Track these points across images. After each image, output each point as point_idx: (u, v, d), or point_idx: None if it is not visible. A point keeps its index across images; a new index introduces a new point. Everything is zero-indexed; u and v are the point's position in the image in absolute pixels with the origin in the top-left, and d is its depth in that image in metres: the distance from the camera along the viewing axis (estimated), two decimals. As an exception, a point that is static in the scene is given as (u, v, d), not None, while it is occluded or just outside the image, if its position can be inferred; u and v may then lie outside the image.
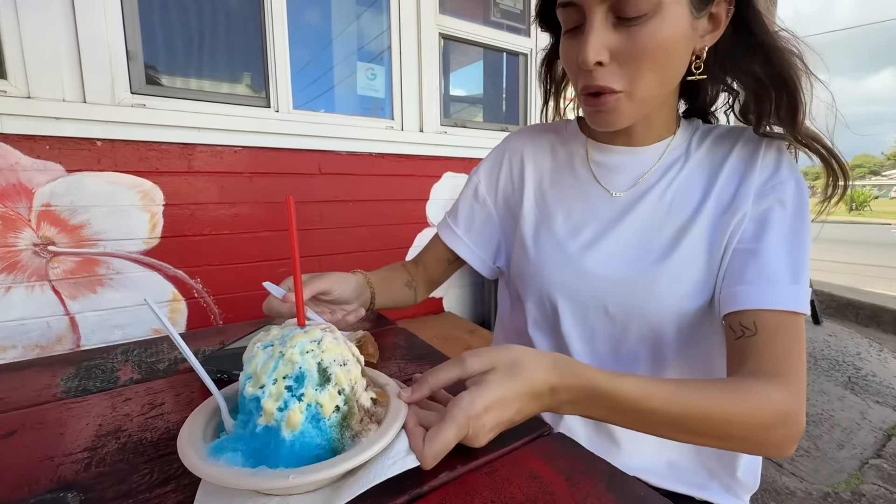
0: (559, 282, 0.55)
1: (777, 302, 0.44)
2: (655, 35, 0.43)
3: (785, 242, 0.47)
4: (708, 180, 0.53)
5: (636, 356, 0.53)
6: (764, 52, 0.47)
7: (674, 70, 0.47)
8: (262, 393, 0.29)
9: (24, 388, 0.46)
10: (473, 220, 0.67)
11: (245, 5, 1.55)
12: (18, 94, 1.19)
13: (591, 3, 0.44)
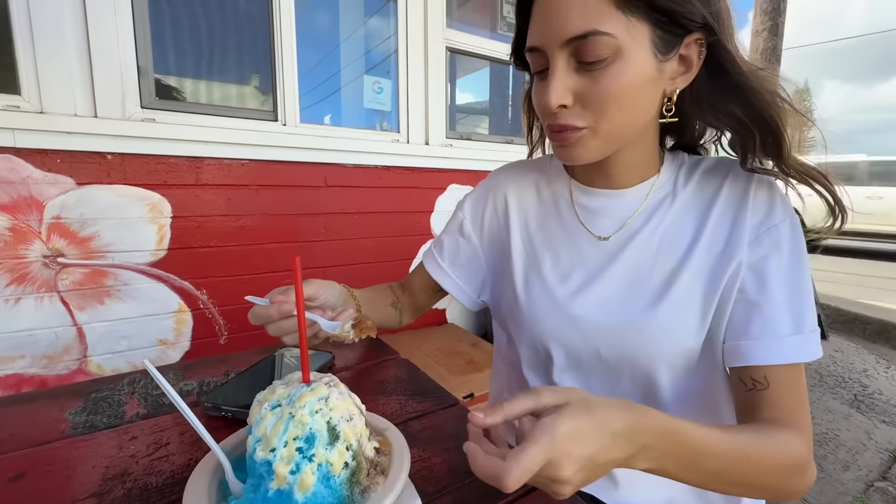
0: (550, 328, 0.55)
1: (785, 356, 0.45)
2: (618, 79, 0.43)
3: (786, 291, 0.46)
4: (698, 222, 0.51)
5: (632, 396, 0.53)
6: (741, 93, 0.46)
7: (641, 113, 0.47)
8: (273, 457, 0.30)
9: (33, 423, 0.47)
10: (458, 255, 0.67)
11: (255, 22, 1.57)
12: (31, 109, 1.21)
13: (552, 49, 0.44)
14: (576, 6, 0.42)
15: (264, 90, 1.62)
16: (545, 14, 0.45)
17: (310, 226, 1.70)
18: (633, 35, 0.42)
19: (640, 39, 0.43)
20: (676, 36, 0.44)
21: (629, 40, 0.42)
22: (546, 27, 0.45)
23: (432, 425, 0.48)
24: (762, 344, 0.46)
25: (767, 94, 0.46)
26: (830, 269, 6.32)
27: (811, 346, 0.45)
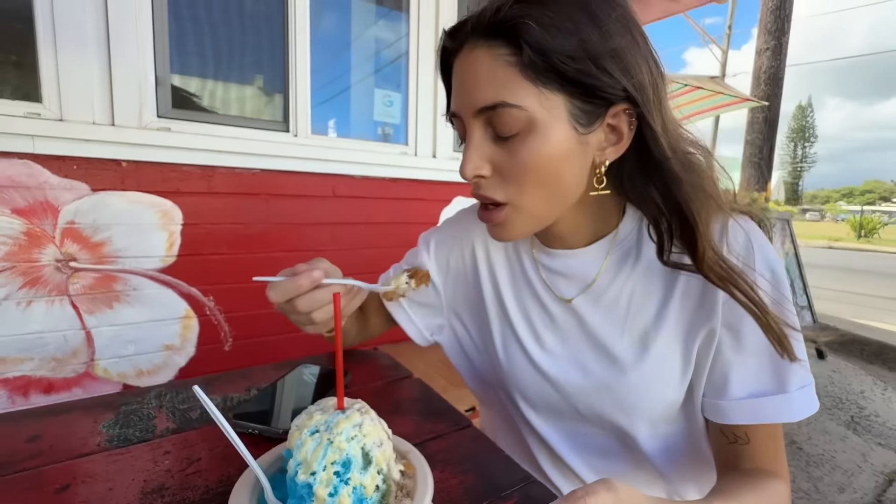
0: (530, 386, 0.56)
1: (767, 417, 0.44)
2: (535, 153, 0.41)
3: (767, 348, 0.44)
4: (668, 278, 0.48)
5: (613, 444, 0.54)
6: (662, 177, 0.43)
7: (565, 187, 0.44)
8: (313, 480, 0.32)
9: (69, 435, 0.49)
10: (417, 293, 0.63)
11: (271, 36, 1.60)
12: (51, 116, 1.23)
13: (467, 118, 0.43)
14: (484, 77, 0.41)
15: (277, 102, 1.65)
16: (460, 82, 0.44)
17: (317, 235, 1.72)
18: (547, 107, 0.40)
19: (556, 111, 0.41)
20: (598, 107, 0.41)
21: (543, 112, 0.40)
22: (460, 96, 0.44)
23: (447, 447, 0.50)
24: (743, 405, 0.45)
25: (688, 186, 0.42)
26: (830, 286, 6.36)
27: (797, 405, 0.43)
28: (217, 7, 1.55)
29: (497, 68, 0.40)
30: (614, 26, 0.40)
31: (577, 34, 0.39)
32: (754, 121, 4.68)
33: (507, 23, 0.39)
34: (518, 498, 0.43)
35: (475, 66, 0.41)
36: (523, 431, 0.61)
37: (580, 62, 0.39)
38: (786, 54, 4.59)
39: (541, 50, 0.38)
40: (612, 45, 0.40)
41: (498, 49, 0.40)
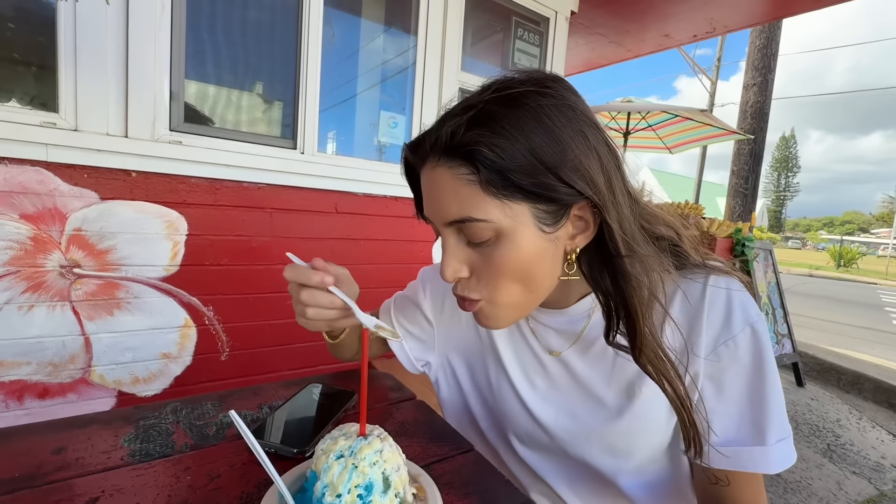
0: (521, 427, 0.59)
1: (743, 466, 0.46)
2: (506, 258, 0.43)
3: (748, 403, 0.46)
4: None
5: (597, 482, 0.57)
6: (613, 271, 0.45)
7: (540, 281, 0.46)
8: (339, 501, 0.36)
9: (92, 448, 0.52)
10: (413, 326, 0.69)
11: (283, 57, 1.66)
12: (67, 126, 1.26)
13: (440, 227, 0.46)
14: (448, 194, 0.43)
15: (286, 120, 1.70)
16: (428, 195, 0.47)
17: (317, 249, 1.76)
18: (511, 216, 0.42)
19: (521, 218, 0.42)
20: (561, 207, 0.43)
21: (508, 221, 0.42)
22: (430, 208, 0.47)
23: (452, 469, 0.54)
24: (723, 451, 0.47)
25: (635, 282, 0.44)
26: (810, 314, 6.51)
27: (774, 458, 0.45)
28: (233, 26, 1.60)
29: (459, 186, 0.42)
30: (565, 131, 0.41)
31: (530, 146, 0.40)
32: (740, 152, 4.85)
33: (462, 147, 0.41)
34: (517, 520, 0.46)
35: (439, 184, 0.44)
36: (512, 466, 0.64)
37: (535, 175, 0.41)
38: (771, 90, 4.79)
39: (497, 170, 0.40)
40: (565, 152, 0.41)
41: (458, 169, 0.42)
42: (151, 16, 1.34)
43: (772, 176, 59.41)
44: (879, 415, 2.83)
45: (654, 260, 0.46)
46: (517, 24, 2.25)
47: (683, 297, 0.49)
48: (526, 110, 0.41)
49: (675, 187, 27.37)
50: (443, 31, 1.96)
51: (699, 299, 0.48)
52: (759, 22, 3.34)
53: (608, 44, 3.78)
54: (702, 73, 11.17)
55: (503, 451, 0.65)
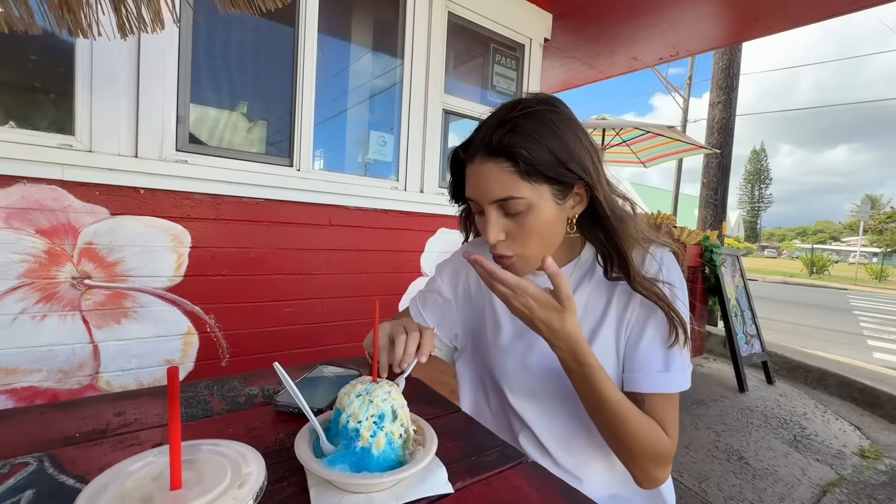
0: (512, 374, 0.75)
1: (651, 387, 0.63)
2: (534, 223, 0.62)
3: (660, 340, 0.64)
4: (608, 294, 0.69)
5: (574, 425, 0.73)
6: (604, 226, 0.65)
7: (553, 237, 0.65)
8: (359, 426, 0.48)
9: (146, 413, 0.62)
10: (437, 310, 0.86)
11: (280, 81, 1.80)
12: (82, 148, 1.37)
13: (485, 205, 0.64)
14: (494, 181, 0.61)
15: (283, 139, 1.83)
16: (475, 181, 0.64)
17: (313, 260, 1.87)
18: (538, 194, 0.61)
19: (544, 195, 0.62)
20: (567, 187, 0.63)
21: (536, 198, 0.61)
22: (477, 191, 0.64)
23: (443, 424, 0.66)
24: (637, 377, 0.65)
25: (620, 233, 0.64)
26: (783, 319, 6.79)
27: (674, 381, 0.63)
28: (233, 54, 1.73)
29: (503, 175, 0.61)
30: (569, 136, 0.61)
31: (549, 148, 0.60)
32: (709, 165, 5.15)
33: (506, 149, 0.60)
34: (497, 456, 0.59)
35: (487, 174, 0.62)
36: (508, 416, 0.78)
37: (554, 167, 0.60)
38: (735, 107, 5.12)
39: (529, 163, 0.59)
40: (570, 151, 0.61)
41: (501, 163, 0.61)
42: (161, 47, 1.47)
43: (746, 188, 61.46)
44: (843, 408, 3.02)
45: (627, 218, 0.66)
46: (495, 50, 2.44)
47: (634, 257, 0.67)
48: (543, 123, 0.61)
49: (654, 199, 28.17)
50: (427, 58, 2.13)
51: (641, 261, 0.67)
52: (718, 46, 3.62)
53: (582, 66, 4.03)
54: (675, 90, 11.69)
55: (501, 405, 0.80)
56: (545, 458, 0.74)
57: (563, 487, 0.52)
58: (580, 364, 0.60)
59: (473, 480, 0.52)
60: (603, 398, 0.60)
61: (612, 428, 0.61)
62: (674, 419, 0.64)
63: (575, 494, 0.51)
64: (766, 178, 60.63)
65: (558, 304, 0.58)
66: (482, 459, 0.57)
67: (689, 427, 2.51)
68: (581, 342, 0.60)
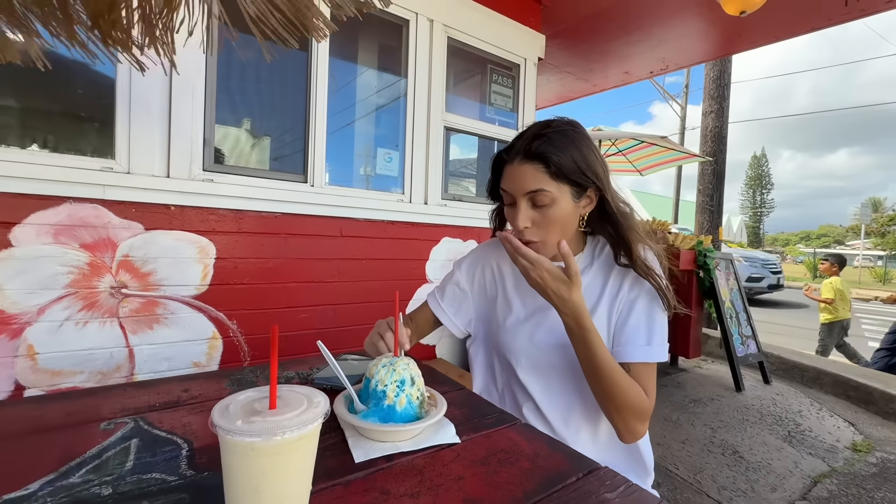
0: (520, 349, 0.88)
1: (636, 357, 0.78)
2: (555, 215, 0.78)
3: (645, 319, 0.80)
4: (604, 280, 0.85)
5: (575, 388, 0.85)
6: (612, 221, 0.82)
7: (568, 229, 0.82)
8: (386, 388, 0.61)
9: (207, 390, 0.76)
10: (454, 300, 1.00)
11: (294, 106, 1.96)
12: (121, 170, 1.52)
13: (518, 196, 0.80)
14: (530, 177, 0.78)
15: (298, 158, 1.98)
16: (513, 177, 0.80)
17: (325, 269, 2.01)
18: (561, 192, 0.78)
19: (565, 193, 0.79)
20: (583, 189, 0.81)
21: (559, 194, 0.78)
22: (514, 185, 0.80)
23: (451, 397, 0.79)
24: (622, 349, 0.79)
25: (625, 227, 0.82)
26: (784, 322, 6.85)
27: (655, 353, 0.78)
28: (254, 81, 1.90)
29: (536, 174, 0.77)
30: (586, 150, 0.79)
31: (573, 158, 0.77)
32: (704, 172, 5.30)
33: (540, 155, 0.77)
34: (494, 419, 0.72)
35: (524, 172, 0.78)
36: (515, 389, 0.92)
37: (574, 173, 0.78)
38: (727, 116, 5.29)
39: (557, 166, 0.76)
40: (587, 159, 0.79)
41: (536, 165, 0.77)
42: (191, 76, 1.63)
43: (747, 193, 61.53)
44: (838, 406, 3.11)
45: (630, 216, 0.83)
46: (492, 70, 2.61)
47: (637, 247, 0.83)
48: (568, 138, 0.79)
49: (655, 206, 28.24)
50: (428, 79, 2.29)
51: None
52: (705, 59, 3.79)
53: (576, 80, 4.21)
54: (672, 99, 11.90)
55: (508, 381, 0.93)
56: (545, 427, 0.87)
57: (548, 440, 0.65)
58: (580, 327, 0.74)
59: (476, 435, 0.65)
60: (597, 358, 0.74)
61: (604, 385, 0.74)
62: (652, 384, 0.79)
63: (557, 444, 0.64)
64: (767, 184, 60.74)
65: (567, 278, 0.72)
66: (483, 421, 0.70)
67: (686, 424, 2.61)
68: (583, 310, 0.74)
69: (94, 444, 0.55)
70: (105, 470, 0.50)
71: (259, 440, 0.37)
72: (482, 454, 0.60)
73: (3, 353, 1.38)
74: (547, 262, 0.74)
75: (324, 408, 0.43)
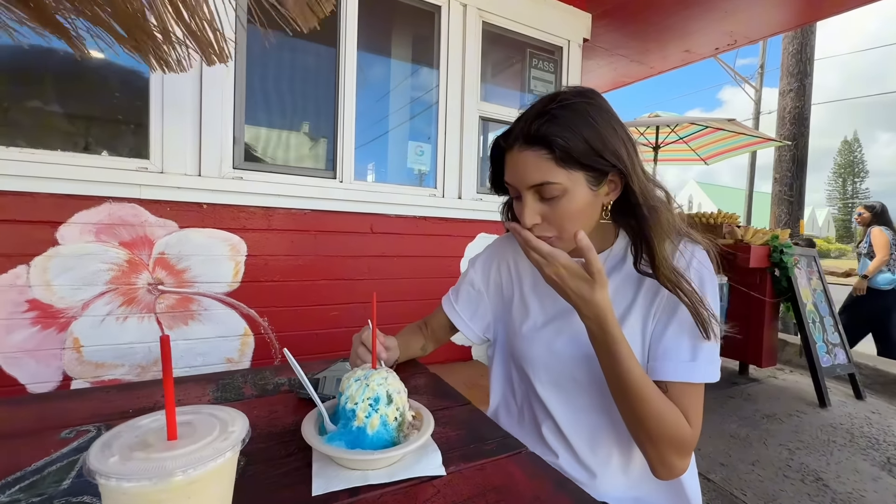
0: (539, 359, 0.75)
1: (676, 375, 0.62)
2: (567, 208, 0.64)
3: (687, 330, 0.63)
4: (638, 283, 0.70)
5: (603, 406, 0.71)
6: (636, 213, 0.66)
7: (588, 221, 0.67)
8: (356, 407, 0.52)
9: (189, 394, 0.71)
10: (469, 302, 0.89)
11: (325, 102, 1.93)
12: (155, 170, 1.56)
13: (522, 190, 0.67)
14: (532, 167, 0.64)
15: (326, 154, 1.96)
16: (514, 168, 0.67)
17: (356, 266, 1.97)
18: (573, 180, 0.64)
19: (578, 182, 0.64)
20: (602, 174, 0.65)
21: (570, 183, 0.64)
22: (515, 177, 0.67)
23: (451, 415, 0.69)
24: (660, 365, 0.64)
25: (651, 223, 0.65)
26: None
27: (700, 371, 0.62)
28: (281, 78, 1.90)
29: (540, 162, 0.63)
30: (603, 126, 0.64)
31: (583, 137, 0.62)
32: (782, 159, 4.71)
33: (542, 138, 0.62)
34: (496, 445, 0.60)
35: (525, 161, 0.65)
36: (534, 405, 0.79)
37: (587, 156, 0.63)
38: (810, 95, 4.66)
39: (565, 150, 0.62)
40: (604, 140, 0.63)
41: (538, 151, 0.63)
42: (219, 77, 1.65)
43: (836, 183, 55.13)
44: (954, 429, 2.61)
45: (661, 208, 0.66)
46: (531, 54, 2.44)
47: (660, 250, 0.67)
48: (578, 113, 0.63)
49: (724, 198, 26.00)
50: (462, 67, 2.19)
51: (670, 255, 0.66)
52: (782, 30, 3.35)
53: (630, 63, 3.90)
54: (745, 81, 10.86)
55: (526, 395, 0.81)
56: (567, 452, 0.74)
57: (556, 477, 0.53)
58: (605, 333, 0.61)
59: (468, 466, 0.54)
60: (627, 373, 0.60)
61: (634, 407, 0.61)
62: (698, 410, 0.63)
63: (565, 484, 0.52)
64: (860, 171, 54.00)
65: (589, 276, 0.60)
66: (481, 447, 0.59)
67: (757, 443, 2.30)
68: (609, 313, 0.60)
69: (44, 456, 0.51)
70: (38, 488, 0.45)
71: (133, 485, 0.29)
72: (469, 492, 0.49)
73: (52, 346, 1.47)
74: (564, 257, 0.62)
75: (235, 439, 0.34)
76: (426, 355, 0.95)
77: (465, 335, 0.90)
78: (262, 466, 0.53)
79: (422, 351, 0.94)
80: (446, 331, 0.94)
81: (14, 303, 1.41)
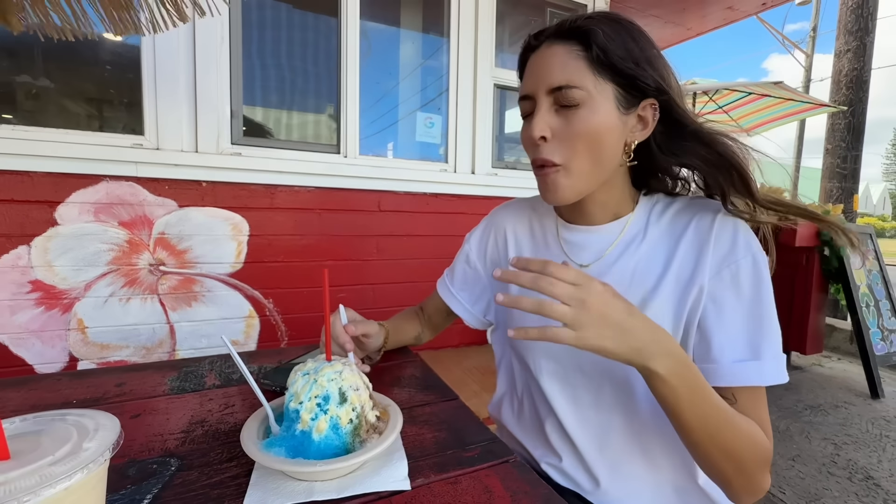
0: (536, 343, 0.63)
1: (744, 380, 0.51)
2: (587, 121, 0.54)
3: (744, 322, 0.52)
4: (667, 255, 0.58)
5: (613, 402, 0.60)
6: (698, 138, 0.55)
7: (605, 154, 0.56)
8: (300, 407, 0.42)
9: (144, 384, 0.64)
10: (466, 281, 0.79)
11: (327, 72, 1.83)
12: (150, 146, 1.51)
13: (539, 94, 0.56)
14: (559, 64, 0.54)
15: (330, 128, 1.86)
16: (536, 68, 0.57)
17: (363, 246, 1.88)
18: (600, 90, 0.54)
19: (606, 94, 0.54)
20: (635, 97, 0.55)
21: (596, 93, 0.53)
22: (535, 79, 0.57)
23: (432, 412, 0.59)
24: (722, 368, 0.52)
25: (720, 136, 0.54)
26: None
27: (769, 372, 0.50)
28: (280, 49, 1.80)
29: (569, 59, 0.54)
30: (646, 44, 0.55)
31: (627, 45, 0.54)
32: (835, 128, 4.26)
33: (581, 29, 0.54)
34: (480, 451, 0.50)
35: (552, 57, 0.55)
36: (536, 400, 0.68)
37: (626, 63, 0.53)
38: (871, 55, 4.18)
39: (603, 49, 0.53)
40: (647, 54, 0.54)
41: (572, 46, 0.54)
42: (213, 46, 1.56)
43: (894, 157, 51.04)
44: None
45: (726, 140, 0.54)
46: (552, 14, 2.24)
47: (696, 226, 0.57)
48: (623, 25, 0.55)
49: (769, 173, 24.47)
50: (475, 32, 2.02)
51: (707, 229, 0.55)
52: (841, -22, 2.97)
53: (665, 24, 3.59)
54: (795, 46, 10.01)
55: (527, 386, 0.70)
56: (572, 454, 0.63)
57: (544, 496, 0.42)
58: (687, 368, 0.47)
59: (439, 478, 0.44)
60: (713, 408, 0.47)
61: (726, 444, 0.48)
62: (767, 416, 0.52)
63: (554, 502, 0.41)
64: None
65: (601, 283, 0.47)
66: (460, 455, 0.49)
67: (799, 436, 2.12)
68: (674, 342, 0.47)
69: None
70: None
71: None
72: (434, 514, 0.39)
73: (57, 327, 1.46)
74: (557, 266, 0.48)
75: (89, 456, 0.25)
76: (420, 344, 0.85)
77: (465, 320, 0.80)
78: (194, 473, 0.44)
79: (416, 340, 0.84)
80: (443, 316, 0.84)
81: (17, 283, 1.40)
